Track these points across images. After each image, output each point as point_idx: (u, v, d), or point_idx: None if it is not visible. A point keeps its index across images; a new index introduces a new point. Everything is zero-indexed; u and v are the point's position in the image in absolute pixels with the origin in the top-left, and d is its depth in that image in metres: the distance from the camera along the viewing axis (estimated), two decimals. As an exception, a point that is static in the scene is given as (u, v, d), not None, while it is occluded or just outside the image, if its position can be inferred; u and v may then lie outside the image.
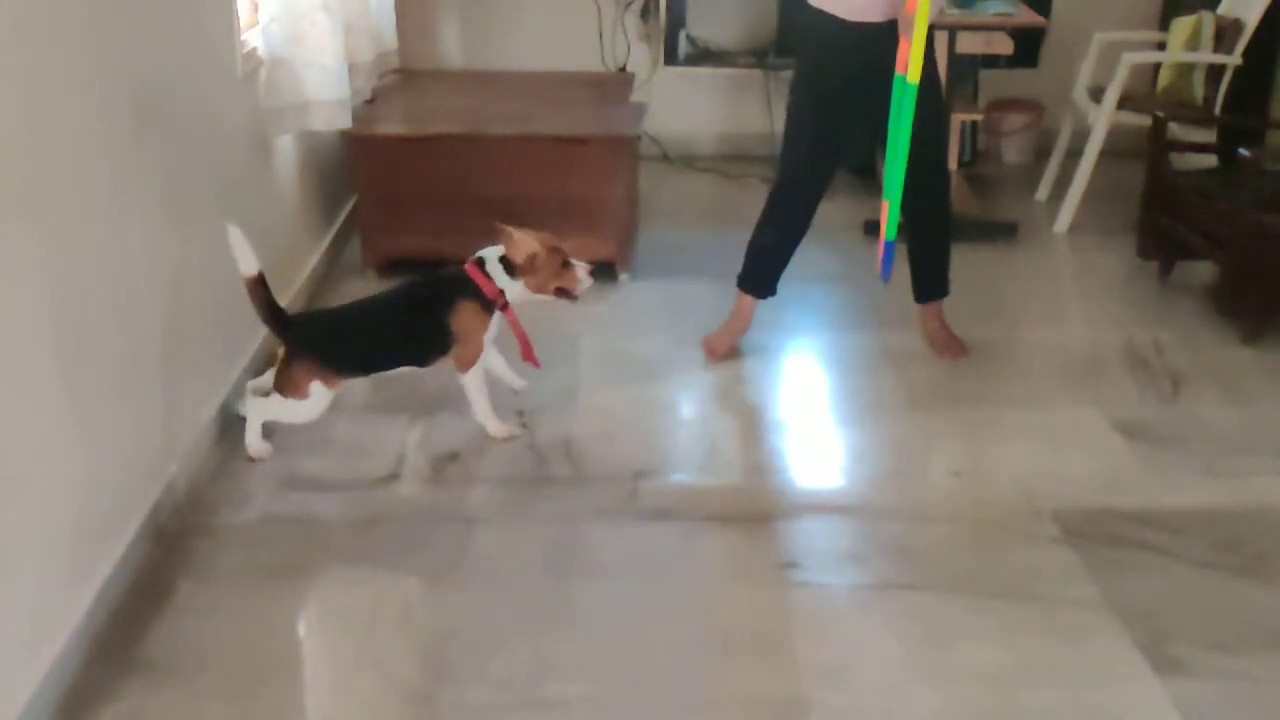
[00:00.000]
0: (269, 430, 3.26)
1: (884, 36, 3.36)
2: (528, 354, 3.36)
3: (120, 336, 2.72)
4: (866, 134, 3.74)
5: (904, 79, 3.23)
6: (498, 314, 3.31)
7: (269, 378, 3.29)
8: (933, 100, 3.50)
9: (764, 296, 3.85)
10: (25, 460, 2.30)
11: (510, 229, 3.28)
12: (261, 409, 3.25)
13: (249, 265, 3.07)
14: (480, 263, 3.31)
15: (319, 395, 3.21)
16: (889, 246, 3.52)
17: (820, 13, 3.49)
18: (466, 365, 3.31)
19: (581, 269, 3.34)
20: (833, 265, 4.46)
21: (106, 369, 2.65)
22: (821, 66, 3.58)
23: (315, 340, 3.23)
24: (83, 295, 2.53)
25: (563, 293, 3.35)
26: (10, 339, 2.24)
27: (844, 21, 3.44)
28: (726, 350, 3.84)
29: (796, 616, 2.67)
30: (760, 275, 3.83)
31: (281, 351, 3.22)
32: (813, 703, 2.40)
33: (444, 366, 3.33)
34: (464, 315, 3.28)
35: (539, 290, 3.32)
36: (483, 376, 3.34)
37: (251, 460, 3.22)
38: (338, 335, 3.30)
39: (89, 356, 2.56)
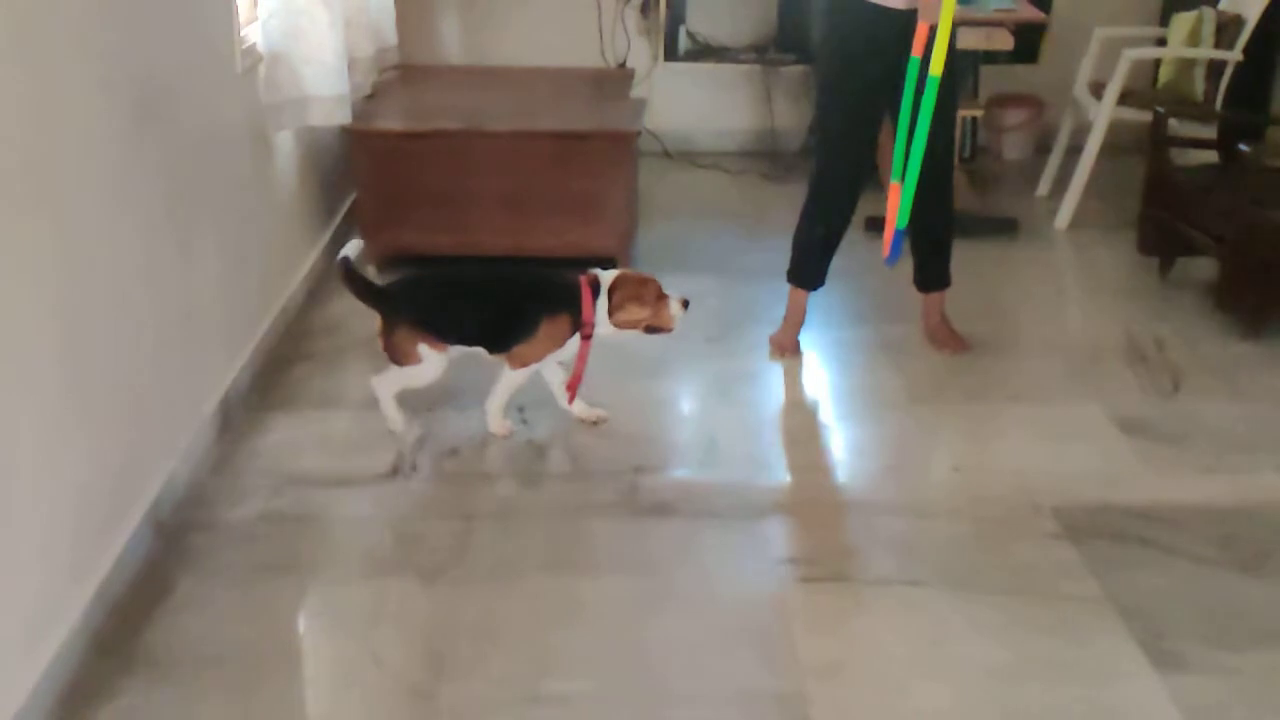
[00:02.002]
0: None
1: (908, 22, 3.38)
2: (573, 386, 3.35)
3: (121, 331, 2.72)
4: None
5: (919, 61, 3.27)
6: (576, 338, 3.30)
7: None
8: (949, 92, 3.52)
9: (815, 289, 3.86)
10: (25, 455, 2.30)
11: (626, 274, 3.32)
12: (386, 383, 3.29)
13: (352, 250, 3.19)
14: (594, 283, 3.29)
15: (430, 357, 3.24)
16: (899, 234, 3.54)
17: (845, 1, 3.52)
18: (521, 364, 3.31)
19: (675, 304, 3.33)
20: (834, 261, 4.45)
21: (107, 363, 2.65)
22: (849, 55, 3.60)
23: (408, 306, 3.26)
24: (83, 290, 2.53)
25: (652, 330, 3.34)
26: (12, 334, 2.24)
27: (872, 7, 3.47)
28: (791, 346, 3.86)
29: (796, 612, 2.67)
30: (809, 269, 3.85)
31: (378, 323, 3.25)
32: (812, 698, 2.40)
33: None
34: (556, 322, 3.27)
35: (631, 326, 3.31)
36: (525, 381, 3.34)
37: (393, 432, 3.29)
38: (433, 300, 3.31)
39: (89, 351, 2.56)
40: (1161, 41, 5.13)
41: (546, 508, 3.06)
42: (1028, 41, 5.37)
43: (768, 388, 3.77)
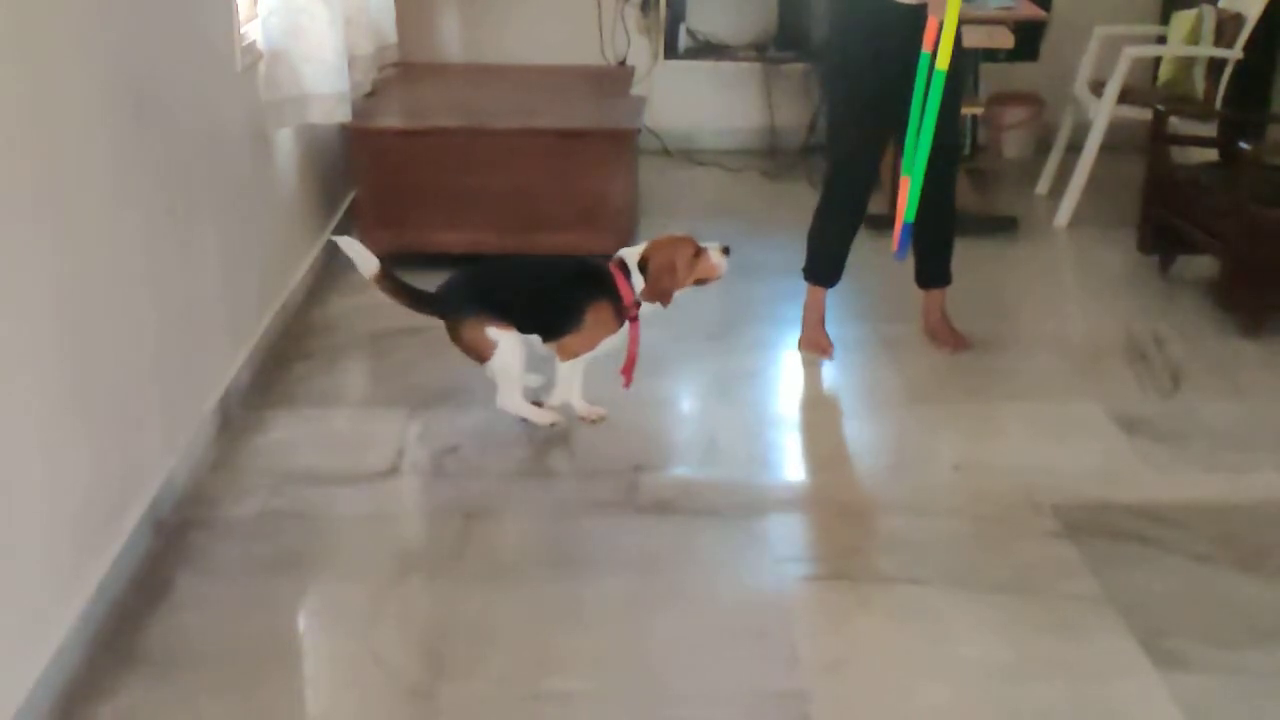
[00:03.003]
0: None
1: (917, 17, 3.38)
2: (628, 369, 3.36)
3: (120, 329, 2.72)
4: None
5: (930, 57, 3.29)
6: (625, 326, 3.31)
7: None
8: (955, 87, 3.52)
9: (831, 285, 3.87)
10: (25, 453, 2.29)
11: (652, 242, 3.33)
12: (506, 394, 3.29)
13: (369, 265, 3.15)
14: (624, 268, 3.30)
15: (503, 337, 3.22)
16: (907, 228, 3.55)
17: None
18: (570, 355, 3.32)
19: (715, 253, 3.33)
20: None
21: (106, 362, 2.64)
22: (859, 51, 3.61)
23: (468, 300, 3.25)
24: (83, 288, 2.53)
25: (701, 281, 3.35)
26: (12, 332, 2.24)
27: (881, 2, 3.48)
28: (822, 340, 3.85)
29: (796, 610, 2.67)
30: (825, 265, 3.85)
31: (447, 330, 3.26)
32: (812, 696, 2.40)
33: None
34: (600, 311, 3.29)
35: (680, 288, 3.31)
36: (581, 367, 3.35)
37: (550, 425, 3.30)
38: (483, 291, 3.29)
39: (89, 349, 2.56)
40: (1161, 39, 5.14)
41: (547, 506, 3.06)
42: (1028, 39, 5.37)
43: (768, 386, 3.77)
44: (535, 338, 3.31)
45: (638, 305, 3.30)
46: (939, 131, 3.42)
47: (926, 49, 3.31)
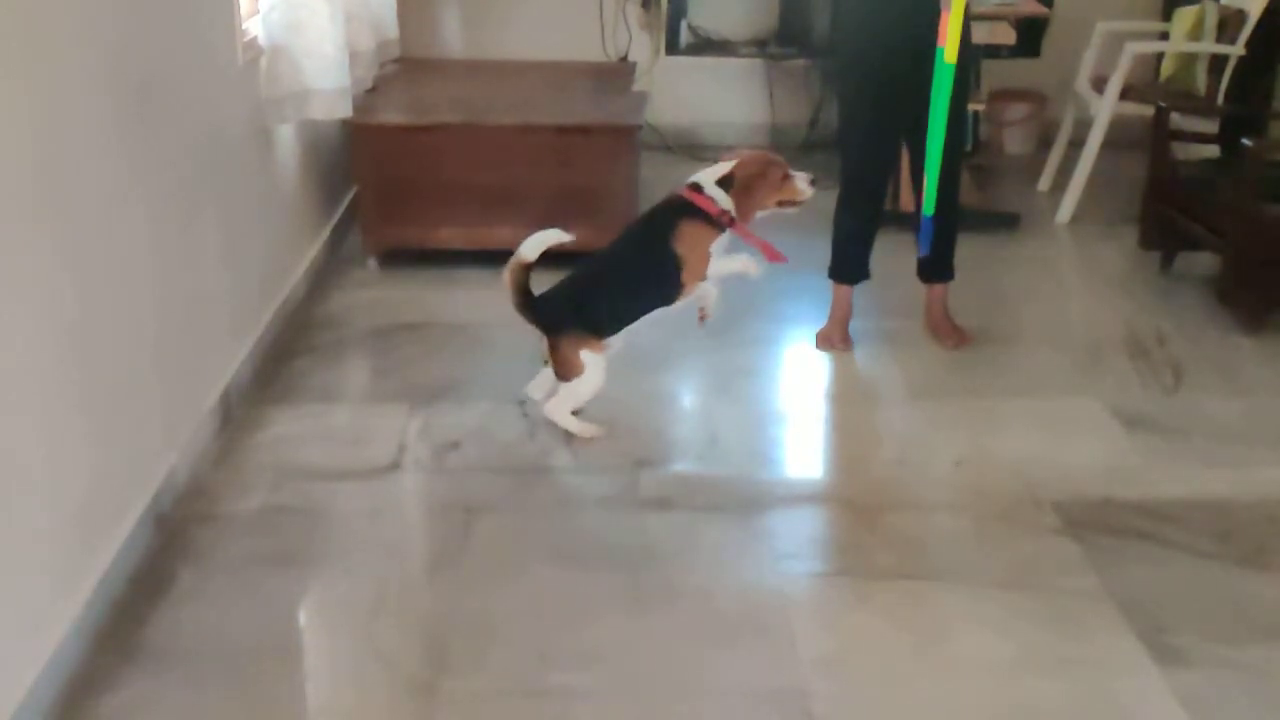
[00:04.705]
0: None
1: (928, 11, 3.38)
2: (772, 255, 3.36)
3: (122, 325, 2.72)
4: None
5: (943, 53, 3.30)
6: (726, 231, 3.31)
7: (543, 380, 3.33)
8: (962, 82, 3.53)
9: (857, 282, 3.87)
10: (28, 449, 2.29)
11: (736, 153, 3.35)
12: (562, 406, 3.27)
13: (531, 252, 3.15)
14: (697, 187, 3.31)
15: (593, 362, 3.24)
16: (927, 222, 3.55)
17: None
18: (697, 279, 3.32)
19: (802, 180, 3.35)
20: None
21: (108, 357, 2.65)
22: (870, 46, 3.61)
23: (568, 315, 3.25)
24: (85, 283, 2.53)
25: (786, 204, 3.37)
26: (14, 327, 2.24)
27: None
28: (840, 340, 3.86)
29: (796, 606, 2.67)
30: (849, 263, 3.86)
31: (545, 342, 3.25)
32: (812, 692, 2.41)
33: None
34: (687, 234, 3.29)
35: (762, 208, 3.33)
36: (729, 267, 3.35)
37: (589, 440, 3.26)
38: (586, 302, 3.30)
39: (91, 345, 2.56)
40: (1164, 36, 5.13)
41: (547, 501, 3.06)
42: (1030, 36, 5.36)
43: (769, 382, 3.77)
44: (657, 312, 3.32)
45: (728, 215, 3.29)
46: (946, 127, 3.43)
47: (942, 43, 3.33)
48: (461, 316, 4.04)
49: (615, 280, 3.34)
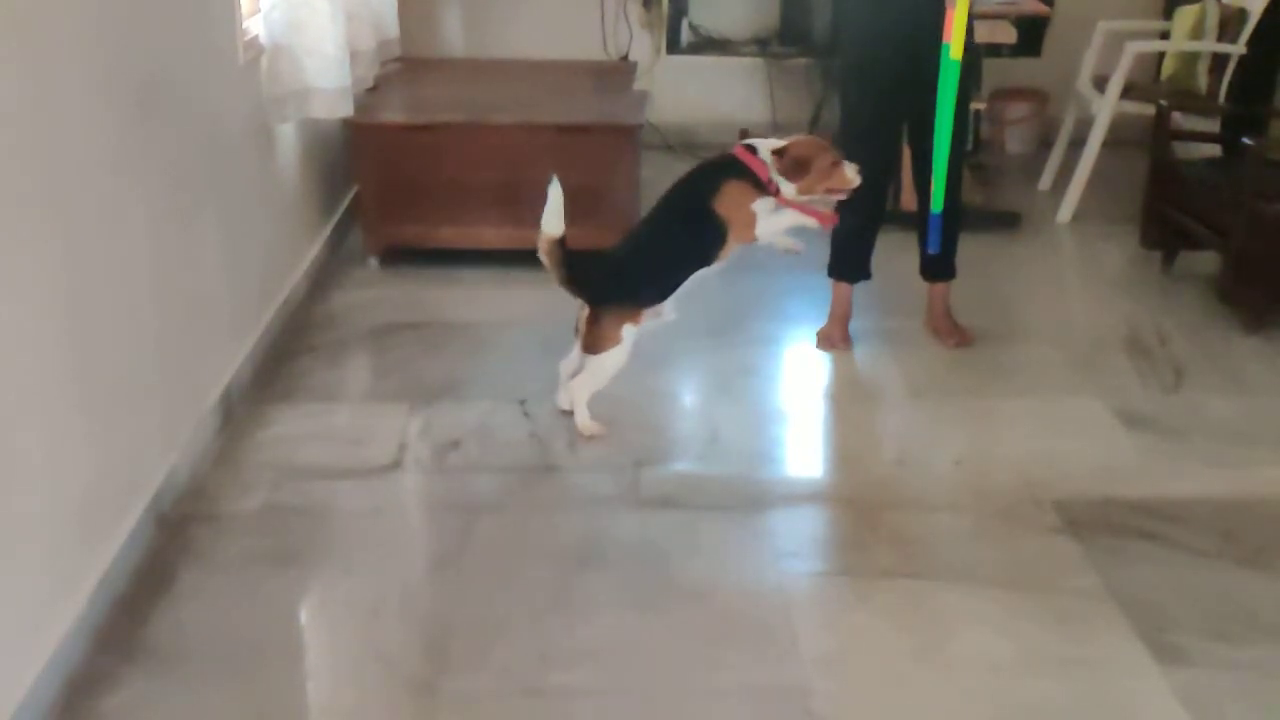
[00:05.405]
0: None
1: (929, 7, 3.38)
2: (825, 220, 3.38)
3: (123, 324, 2.72)
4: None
5: (949, 49, 3.30)
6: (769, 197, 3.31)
7: (574, 359, 3.32)
8: (964, 80, 3.53)
9: (857, 281, 3.87)
10: (28, 448, 2.30)
11: (794, 137, 3.36)
12: (585, 386, 3.27)
13: (555, 226, 3.14)
14: (751, 149, 3.32)
15: (627, 336, 3.24)
16: (935, 218, 3.55)
17: None
18: (749, 235, 3.32)
19: (850, 169, 3.36)
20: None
21: (109, 356, 2.65)
22: (872, 43, 3.61)
23: (615, 287, 3.26)
24: (86, 282, 2.53)
25: (832, 191, 3.37)
26: (15, 327, 2.24)
27: None
28: (840, 339, 3.86)
29: (797, 605, 2.67)
30: (849, 262, 3.86)
31: (585, 313, 3.25)
32: (813, 691, 2.40)
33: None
34: (730, 194, 3.28)
35: (808, 191, 3.33)
36: (780, 223, 3.34)
37: (590, 438, 3.25)
38: (633, 273, 3.30)
39: (92, 344, 2.56)
40: (1165, 35, 5.12)
41: (548, 500, 3.06)
42: (1031, 35, 5.36)
43: (769, 381, 3.77)
44: (701, 273, 3.32)
45: (774, 184, 3.29)
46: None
47: (948, 40, 3.33)
48: (462, 316, 4.04)
49: (656, 246, 3.34)
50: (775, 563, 2.82)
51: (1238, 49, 4.74)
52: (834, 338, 3.87)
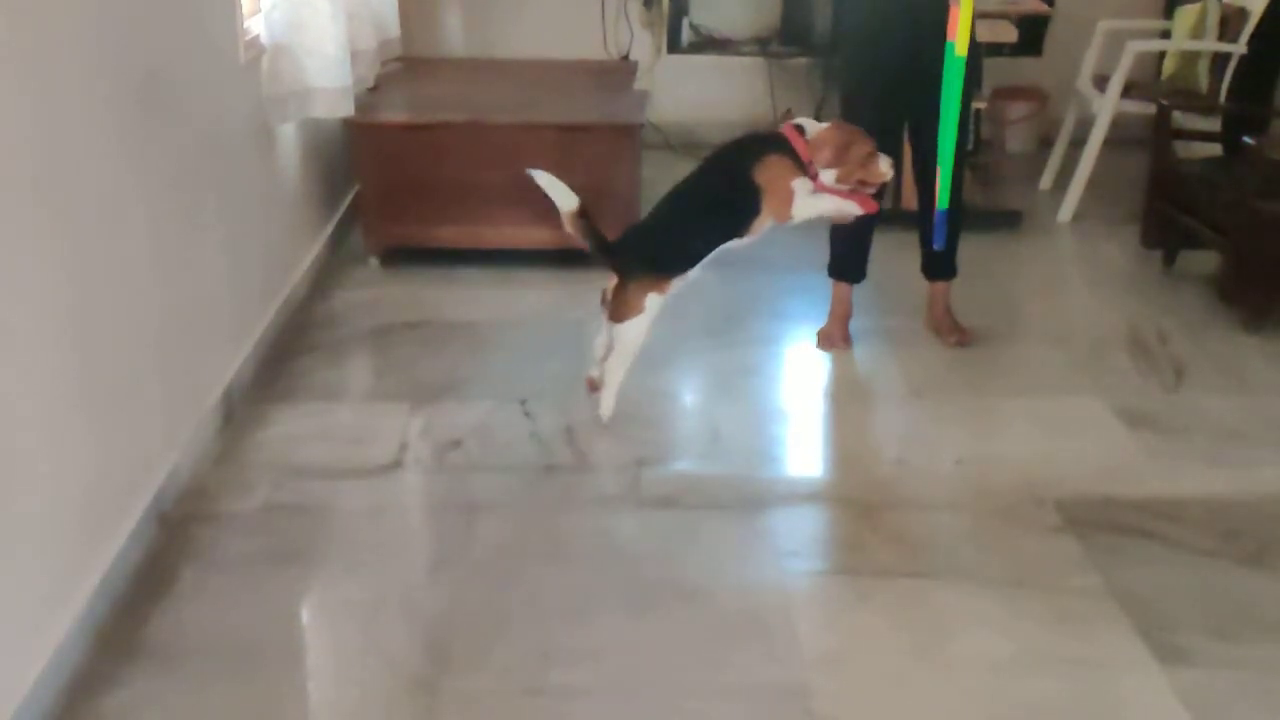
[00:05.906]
0: None
1: (930, 5, 3.39)
2: (867, 205, 3.39)
3: (124, 323, 2.72)
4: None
5: (953, 46, 3.30)
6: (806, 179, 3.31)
7: (605, 336, 3.32)
8: (966, 79, 3.53)
9: (856, 281, 3.87)
10: (29, 447, 2.30)
11: (834, 122, 3.38)
12: (617, 368, 3.28)
13: (568, 201, 3.14)
14: (800, 130, 3.33)
15: (653, 306, 3.24)
16: (941, 215, 3.55)
17: None
18: (784, 212, 3.31)
19: (885, 162, 3.38)
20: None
21: (110, 356, 2.65)
22: (871, 43, 3.61)
23: (645, 255, 3.26)
24: (87, 282, 2.53)
25: (864, 183, 3.38)
26: (16, 326, 2.24)
27: None
28: (840, 339, 3.87)
29: (798, 604, 2.67)
30: (848, 262, 3.87)
31: (614, 282, 3.25)
32: (814, 690, 2.40)
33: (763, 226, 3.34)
34: (770, 166, 3.29)
35: (843, 180, 3.34)
36: (818, 207, 3.36)
37: (605, 426, 3.27)
38: (662, 241, 3.30)
39: (93, 343, 2.56)
40: (1165, 34, 5.12)
41: (549, 500, 3.06)
42: (1031, 34, 5.36)
43: (770, 380, 3.77)
44: (730, 245, 3.31)
45: (814, 168, 3.30)
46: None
47: (952, 38, 3.33)
48: (463, 315, 4.04)
49: (688, 211, 3.34)
50: (775, 562, 2.82)
51: (1238, 48, 4.74)
52: (834, 337, 3.87)
